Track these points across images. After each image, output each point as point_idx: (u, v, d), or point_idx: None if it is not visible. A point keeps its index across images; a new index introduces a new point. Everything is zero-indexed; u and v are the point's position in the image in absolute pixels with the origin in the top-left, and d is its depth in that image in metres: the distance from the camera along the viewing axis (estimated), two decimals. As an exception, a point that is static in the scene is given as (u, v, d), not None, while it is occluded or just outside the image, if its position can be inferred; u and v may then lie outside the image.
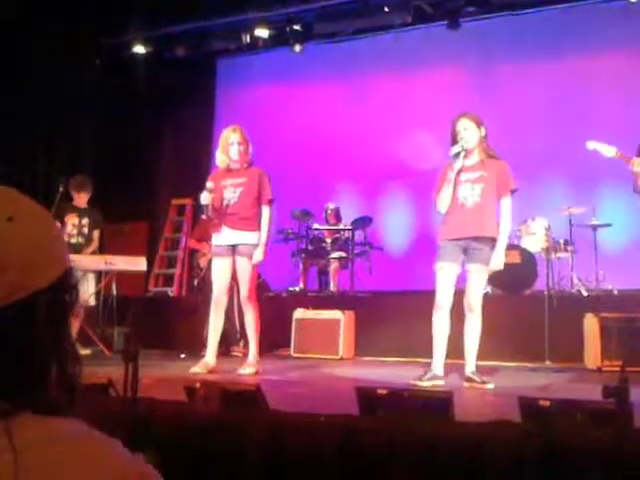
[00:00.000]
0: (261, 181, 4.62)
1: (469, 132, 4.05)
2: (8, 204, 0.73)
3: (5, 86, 7.66)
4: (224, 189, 4.62)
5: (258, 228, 4.59)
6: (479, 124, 4.08)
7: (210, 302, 4.74)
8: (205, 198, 4.56)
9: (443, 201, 4.06)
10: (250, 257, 4.53)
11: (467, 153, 4.05)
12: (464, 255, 4.06)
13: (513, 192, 4.09)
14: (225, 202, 4.60)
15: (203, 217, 4.75)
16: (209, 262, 5.63)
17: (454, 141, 4.09)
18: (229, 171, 4.67)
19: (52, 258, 0.74)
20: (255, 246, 4.56)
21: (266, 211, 4.63)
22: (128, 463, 0.71)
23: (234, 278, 4.66)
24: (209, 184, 4.59)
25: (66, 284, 0.76)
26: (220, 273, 4.61)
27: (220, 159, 4.69)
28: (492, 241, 4.06)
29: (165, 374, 4.32)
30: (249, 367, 4.51)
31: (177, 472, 2.33)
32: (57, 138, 8.49)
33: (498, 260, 4.04)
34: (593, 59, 7.48)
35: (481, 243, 4.02)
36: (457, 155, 4.01)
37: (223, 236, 4.60)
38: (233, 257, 4.59)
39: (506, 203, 4.07)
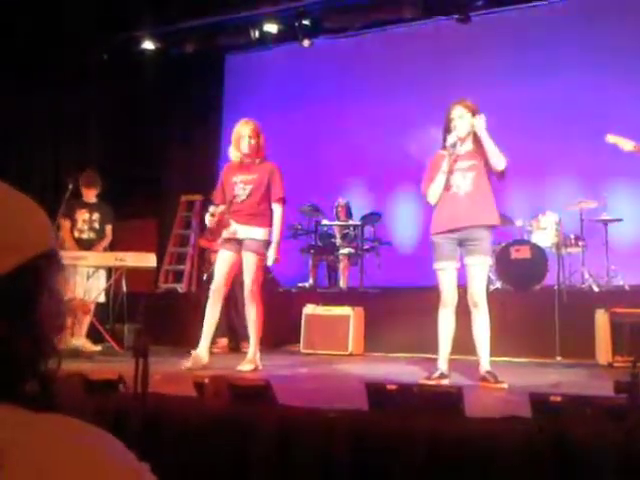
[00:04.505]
0: (272, 178, 4.56)
1: (464, 120, 3.98)
2: None
3: (12, 82, 7.70)
4: (235, 185, 4.59)
5: (266, 224, 4.55)
6: (475, 112, 3.99)
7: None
8: (209, 221, 4.58)
9: (436, 191, 3.97)
10: (256, 253, 4.50)
11: (460, 141, 4.00)
12: (460, 248, 3.98)
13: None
14: (236, 198, 4.57)
15: (204, 238, 4.77)
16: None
17: (447, 128, 4.02)
18: (241, 166, 4.63)
19: (6, 247, 0.69)
20: (262, 242, 4.52)
21: (278, 209, 4.56)
22: (119, 460, 0.67)
23: (242, 273, 4.64)
24: (212, 209, 4.56)
25: (31, 273, 0.71)
26: (224, 264, 4.57)
27: (233, 154, 4.66)
28: (488, 229, 3.97)
29: (175, 370, 4.33)
30: (248, 363, 4.47)
31: (187, 467, 2.33)
32: (65, 135, 8.52)
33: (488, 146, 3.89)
34: (605, 53, 7.41)
35: (476, 233, 3.92)
36: (454, 145, 3.95)
37: (232, 230, 4.58)
38: (240, 252, 4.57)
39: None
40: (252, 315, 4.56)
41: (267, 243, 4.56)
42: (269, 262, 4.58)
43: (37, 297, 0.72)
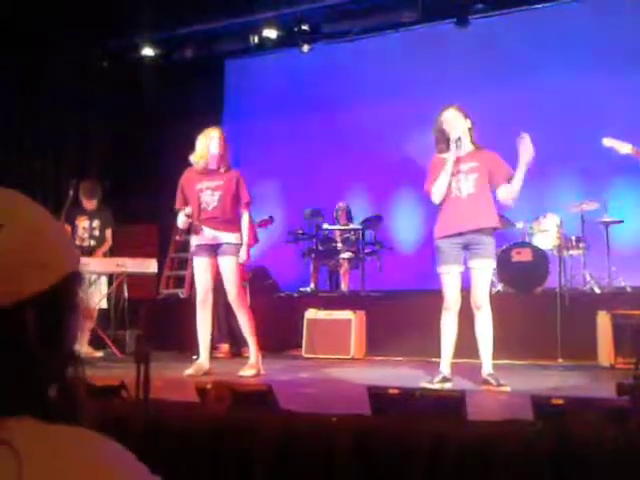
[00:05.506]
0: (239, 184, 4.62)
1: (459, 121, 4.01)
2: (2, 211, 0.70)
3: (12, 90, 7.71)
4: (201, 192, 4.59)
5: (239, 229, 4.63)
6: (466, 116, 4.05)
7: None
8: (182, 223, 4.60)
9: (440, 190, 3.96)
10: (234, 255, 4.55)
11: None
12: (465, 251, 3.98)
13: (510, 180, 3.95)
14: (204, 205, 4.59)
15: (177, 238, 4.83)
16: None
17: (441, 130, 4.04)
18: (205, 173, 4.63)
19: (41, 267, 0.71)
20: (239, 245, 4.58)
21: (245, 214, 4.66)
22: (130, 473, 0.68)
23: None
24: (188, 210, 4.58)
25: (62, 292, 0.72)
26: (204, 273, 4.60)
27: (197, 159, 4.62)
28: (492, 231, 3.98)
29: (177, 375, 4.33)
30: (250, 369, 4.47)
31: (189, 473, 2.33)
32: (66, 141, 8.52)
33: (517, 184, 3.88)
34: (605, 54, 7.42)
35: (481, 236, 3.93)
36: (459, 139, 3.96)
37: (205, 236, 4.59)
38: (213, 256, 4.59)
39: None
40: (244, 319, 4.58)
41: (240, 246, 4.62)
42: (239, 261, 4.60)
43: (66, 314, 0.74)
